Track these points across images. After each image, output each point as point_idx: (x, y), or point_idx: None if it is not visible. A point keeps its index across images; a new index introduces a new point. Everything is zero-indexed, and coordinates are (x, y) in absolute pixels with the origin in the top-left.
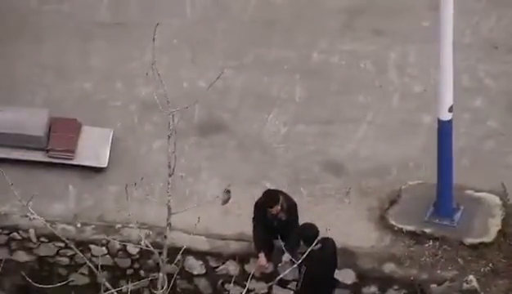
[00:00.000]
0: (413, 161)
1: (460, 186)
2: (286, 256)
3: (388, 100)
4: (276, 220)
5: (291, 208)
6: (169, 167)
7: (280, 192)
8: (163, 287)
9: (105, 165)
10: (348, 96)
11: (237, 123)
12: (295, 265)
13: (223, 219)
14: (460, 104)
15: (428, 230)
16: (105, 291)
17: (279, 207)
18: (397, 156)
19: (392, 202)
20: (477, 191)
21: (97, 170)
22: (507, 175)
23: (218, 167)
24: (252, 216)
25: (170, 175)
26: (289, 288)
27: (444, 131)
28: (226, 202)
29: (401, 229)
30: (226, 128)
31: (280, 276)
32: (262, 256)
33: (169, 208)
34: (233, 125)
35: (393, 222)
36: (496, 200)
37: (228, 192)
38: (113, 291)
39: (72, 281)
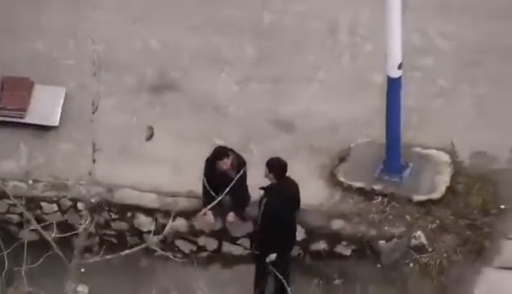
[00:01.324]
0: (364, 119)
1: (410, 144)
2: (233, 215)
3: (340, 60)
4: (225, 178)
5: (240, 166)
6: (93, 104)
7: (230, 149)
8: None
9: (57, 124)
10: (299, 56)
11: (189, 82)
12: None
13: (173, 176)
14: (410, 63)
15: (377, 187)
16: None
17: (229, 162)
18: (348, 115)
19: (342, 160)
20: (426, 148)
21: (49, 128)
22: (456, 133)
23: (170, 126)
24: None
25: (93, 113)
26: (239, 245)
27: (393, 88)
28: (149, 138)
29: (351, 186)
30: (177, 87)
31: None
32: (209, 213)
33: (94, 145)
34: (185, 84)
35: (343, 179)
36: (445, 157)
37: (151, 128)
38: None
39: (21, 239)
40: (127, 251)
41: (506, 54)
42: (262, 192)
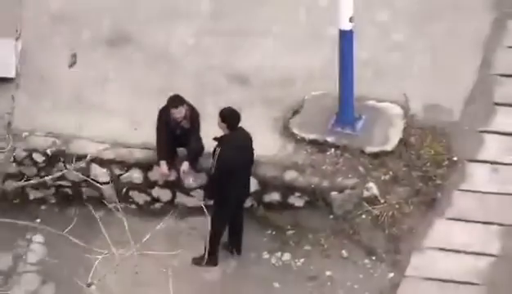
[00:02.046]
0: (318, 72)
1: (363, 97)
2: (187, 165)
3: (295, 14)
4: (178, 129)
5: (194, 117)
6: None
7: (185, 100)
8: None
9: (13, 75)
10: (255, 9)
11: (145, 35)
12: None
13: (128, 128)
14: (365, 17)
15: (330, 139)
16: None
17: (183, 110)
18: (303, 68)
19: (296, 112)
20: (379, 101)
21: (5, 80)
22: (410, 86)
23: (126, 78)
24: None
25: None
26: (193, 196)
27: (345, 40)
28: (72, 65)
29: (304, 138)
30: (133, 40)
31: None
32: (163, 163)
33: (13, 97)
34: (141, 37)
35: (296, 131)
36: (398, 110)
37: (74, 55)
38: None
39: None
40: None
41: (461, 9)
42: (215, 143)
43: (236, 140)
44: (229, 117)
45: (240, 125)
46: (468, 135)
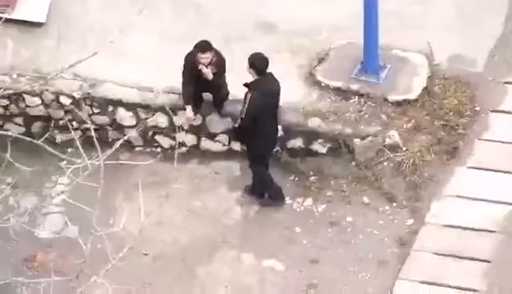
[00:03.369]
0: (344, 22)
1: (388, 46)
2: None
3: None
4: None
5: (220, 63)
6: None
7: (212, 46)
8: None
9: (44, 20)
10: None
11: None
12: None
13: (155, 73)
14: None
15: (354, 87)
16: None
17: (209, 56)
18: (329, 17)
19: (321, 60)
20: (404, 51)
21: (36, 24)
22: (434, 37)
23: (152, 25)
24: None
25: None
26: (218, 141)
27: None
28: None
29: (328, 85)
30: None
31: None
32: (189, 108)
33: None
34: None
35: (321, 79)
36: (422, 59)
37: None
38: None
39: (7, 130)
40: None
41: None
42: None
43: (266, 86)
44: (257, 62)
45: (268, 71)
46: (491, 85)
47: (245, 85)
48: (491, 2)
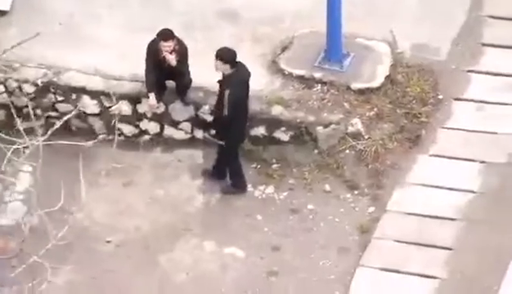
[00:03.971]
0: (308, 10)
1: (353, 34)
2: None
3: None
4: (167, 63)
5: (183, 51)
6: None
7: (174, 34)
8: None
9: (8, 9)
10: None
11: None
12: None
13: (119, 61)
14: None
15: (317, 75)
16: None
17: (172, 44)
18: (292, 5)
19: (284, 49)
20: (368, 39)
21: (0, 13)
22: (399, 25)
23: (117, 14)
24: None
25: None
26: (181, 129)
27: None
28: None
29: (291, 73)
30: None
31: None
32: (152, 95)
33: None
34: None
35: (284, 67)
36: (386, 48)
37: None
38: None
39: None
40: None
41: None
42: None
43: (239, 77)
44: (227, 56)
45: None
46: (455, 74)
47: (220, 82)
48: None
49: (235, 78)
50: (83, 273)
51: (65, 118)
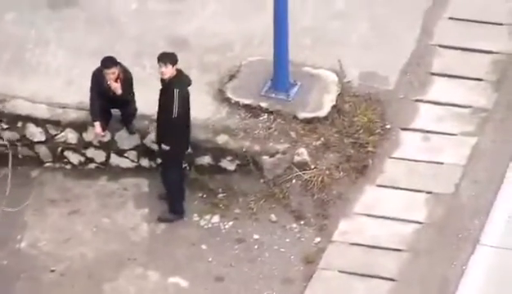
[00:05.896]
0: (257, 38)
1: (301, 63)
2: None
3: None
4: (111, 90)
5: (127, 79)
6: None
7: (117, 62)
8: None
9: None
10: None
11: None
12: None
13: (66, 89)
14: None
15: (263, 104)
16: None
17: (116, 71)
18: (242, 33)
19: (232, 77)
20: (316, 68)
21: None
22: (348, 54)
23: (66, 40)
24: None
25: None
26: (127, 157)
27: (280, 7)
28: None
29: (238, 102)
30: (77, 2)
31: None
32: (97, 124)
33: None
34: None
35: (231, 95)
36: (333, 76)
37: None
38: None
39: None
40: None
41: None
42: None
43: (185, 77)
44: (169, 57)
45: None
46: (402, 103)
47: (164, 86)
48: (407, 17)
49: (181, 79)
50: None
51: None
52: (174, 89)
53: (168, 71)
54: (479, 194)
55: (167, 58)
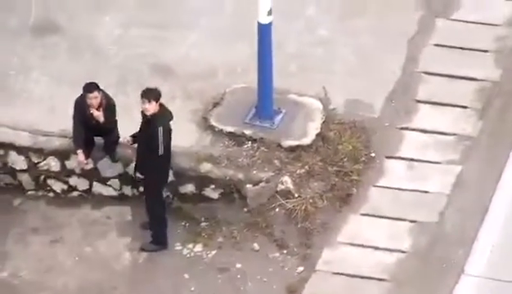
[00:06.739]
0: (241, 65)
1: (285, 90)
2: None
3: (221, 6)
4: (94, 118)
5: (110, 106)
6: None
7: (99, 88)
8: None
9: None
10: (182, 1)
11: (73, 25)
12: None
13: (48, 116)
14: (293, 11)
15: (247, 132)
16: None
17: (97, 95)
18: (226, 60)
19: (216, 104)
20: (300, 95)
21: None
22: (332, 81)
23: (49, 67)
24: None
25: None
26: (110, 185)
27: (264, 34)
28: None
29: (222, 130)
30: (60, 29)
31: None
32: (80, 152)
33: None
34: (68, 26)
35: (214, 123)
36: (318, 104)
37: None
38: None
39: None
40: None
41: (388, 6)
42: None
43: (167, 112)
44: (157, 94)
45: None
46: (387, 131)
47: (147, 122)
48: (392, 44)
49: (164, 114)
50: None
51: None
52: (158, 127)
53: (152, 108)
54: (464, 223)
55: (151, 94)
